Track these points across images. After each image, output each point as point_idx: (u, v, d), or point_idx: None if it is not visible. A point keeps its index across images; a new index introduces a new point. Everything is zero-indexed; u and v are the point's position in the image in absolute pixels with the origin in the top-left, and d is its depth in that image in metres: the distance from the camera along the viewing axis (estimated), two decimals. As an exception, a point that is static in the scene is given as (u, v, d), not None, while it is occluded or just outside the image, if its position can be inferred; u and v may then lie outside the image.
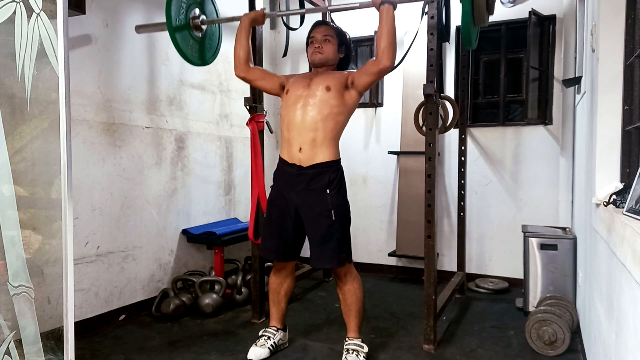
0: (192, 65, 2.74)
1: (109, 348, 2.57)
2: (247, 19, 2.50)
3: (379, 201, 4.23)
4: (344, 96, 2.32)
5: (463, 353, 2.53)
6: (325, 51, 2.39)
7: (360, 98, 2.40)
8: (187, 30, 2.62)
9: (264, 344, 2.46)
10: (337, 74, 2.38)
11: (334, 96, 2.29)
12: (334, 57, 2.42)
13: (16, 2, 1.48)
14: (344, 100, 2.32)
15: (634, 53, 1.77)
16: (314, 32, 2.43)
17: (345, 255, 2.32)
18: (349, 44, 2.52)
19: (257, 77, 2.52)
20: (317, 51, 2.39)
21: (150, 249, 3.20)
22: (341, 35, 2.46)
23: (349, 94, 2.33)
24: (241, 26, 2.50)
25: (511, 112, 3.91)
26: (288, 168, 2.36)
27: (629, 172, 1.81)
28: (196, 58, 2.72)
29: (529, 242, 3.06)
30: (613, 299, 1.56)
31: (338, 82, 2.31)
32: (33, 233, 1.62)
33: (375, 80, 2.33)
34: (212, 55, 2.84)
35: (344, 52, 2.47)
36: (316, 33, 2.42)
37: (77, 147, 2.69)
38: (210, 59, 2.83)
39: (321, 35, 2.40)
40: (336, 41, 2.42)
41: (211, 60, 2.84)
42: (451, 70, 3.96)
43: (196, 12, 2.66)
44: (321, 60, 2.39)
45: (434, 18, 2.49)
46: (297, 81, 2.41)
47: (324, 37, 2.40)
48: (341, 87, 2.31)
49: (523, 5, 3.66)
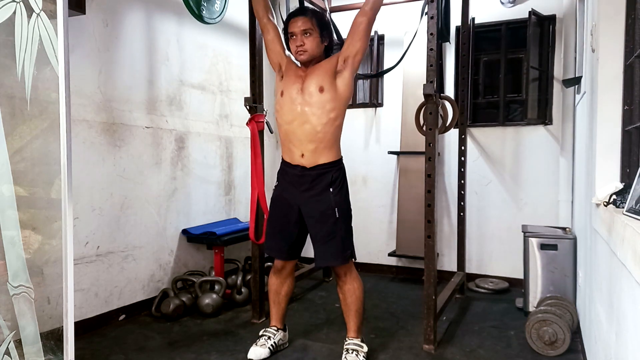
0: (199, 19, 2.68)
1: (109, 348, 2.57)
2: None
3: (379, 201, 4.23)
4: (337, 88, 2.28)
5: (463, 353, 2.53)
6: (308, 47, 2.29)
7: (353, 75, 2.33)
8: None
9: (264, 344, 2.46)
10: (326, 64, 2.31)
11: (329, 97, 2.26)
12: (319, 50, 2.34)
13: (16, 2, 1.48)
14: (338, 94, 2.28)
15: (634, 53, 1.76)
16: (292, 27, 2.31)
17: (349, 252, 2.33)
18: (329, 25, 2.43)
19: (268, 32, 2.44)
20: (300, 50, 2.29)
21: (150, 249, 3.19)
22: (320, 22, 2.34)
23: (341, 80, 2.28)
24: None
25: (511, 112, 3.91)
26: (291, 169, 2.36)
27: (629, 172, 1.81)
28: (201, 12, 2.64)
29: (529, 242, 3.06)
30: (613, 299, 1.56)
31: (329, 74, 2.27)
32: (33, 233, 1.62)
33: (367, 36, 2.28)
34: (219, 14, 2.71)
35: (327, 38, 2.37)
36: (294, 27, 2.30)
37: (77, 147, 2.69)
38: (218, 16, 2.68)
39: (300, 30, 2.28)
40: (317, 32, 2.30)
41: (219, 19, 2.72)
42: (451, 70, 3.96)
43: None
44: (307, 59, 2.32)
45: (433, 18, 2.49)
46: (290, 80, 2.35)
47: (303, 31, 2.28)
48: (333, 79, 2.27)
49: (523, 5, 3.66)
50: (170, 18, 3.31)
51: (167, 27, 3.30)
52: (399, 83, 4.06)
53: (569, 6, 3.47)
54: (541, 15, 3.60)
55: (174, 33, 3.36)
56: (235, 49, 3.90)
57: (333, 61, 2.31)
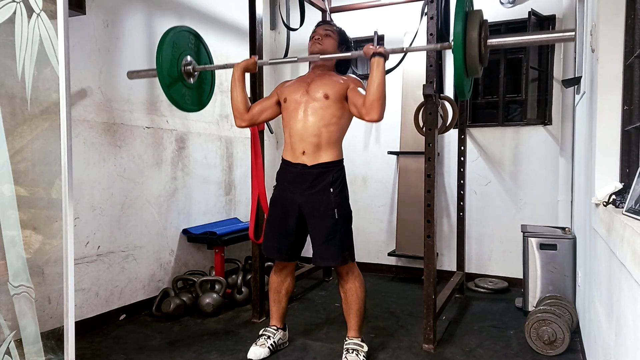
0: (189, 112, 2.72)
1: (110, 348, 2.57)
2: (239, 68, 2.43)
3: (378, 201, 4.23)
4: (343, 105, 2.33)
5: (462, 352, 2.53)
6: (324, 43, 2.41)
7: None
8: (180, 82, 2.57)
9: (264, 344, 2.47)
10: (335, 81, 2.34)
11: (333, 105, 2.30)
12: (332, 51, 2.42)
13: (16, 2, 1.48)
14: (343, 105, 2.33)
15: (634, 53, 1.77)
16: (317, 29, 2.47)
17: (348, 253, 2.33)
18: (350, 46, 2.53)
19: (258, 116, 2.47)
20: (316, 42, 2.41)
21: (151, 249, 3.20)
22: (343, 35, 2.50)
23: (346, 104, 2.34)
24: (234, 77, 2.43)
25: (511, 113, 3.91)
26: (292, 168, 2.36)
27: (628, 172, 1.81)
28: (192, 105, 2.69)
29: (529, 242, 3.07)
30: (613, 298, 1.56)
31: (337, 92, 2.31)
32: (33, 233, 1.63)
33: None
34: (207, 97, 2.78)
35: (344, 51, 2.47)
36: (319, 29, 2.46)
37: (78, 147, 2.70)
38: (206, 101, 2.78)
39: (323, 30, 2.45)
40: (337, 37, 2.45)
41: (207, 102, 2.79)
42: (451, 71, 3.95)
43: (187, 59, 2.61)
44: (319, 51, 2.38)
45: (433, 18, 2.49)
46: (294, 86, 2.40)
47: (325, 31, 2.44)
48: (341, 97, 2.32)
49: (523, 5, 3.66)
50: (170, 18, 3.31)
51: (167, 27, 3.27)
52: (398, 83, 4.06)
53: (568, 6, 3.47)
54: (541, 16, 3.60)
55: (174, 33, 3.35)
56: (235, 49, 3.90)
57: (344, 85, 2.34)
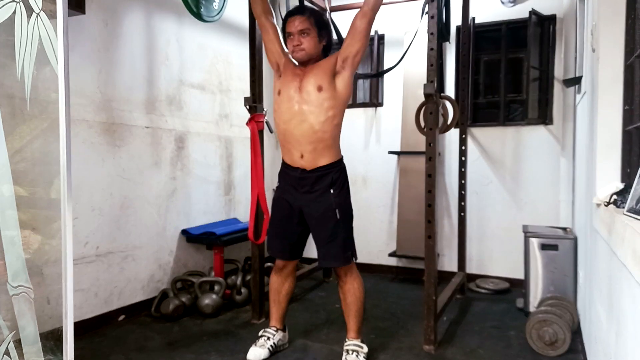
0: (191, 13, 2.68)
1: (109, 348, 2.57)
2: None
3: (379, 201, 4.23)
4: (336, 88, 2.26)
5: (463, 353, 2.53)
6: (306, 47, 2.27)
7: (352, 75, 2.32)
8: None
9: (264, 344, 2.46)
10: (324, 64, 2.29)
11: (327, 95, 2.25)
12: (316, 50, 2.32)
13: (16, 2, 1.48)
14: (337, 93, 2.27)
15: (634, 53, 1.76)
16: (289, 26, 2.29)
17: (350, 253, 2.34)
18: (328, 24, 2.40)
19: (267, 32, 2.39)
20: (297, 49, 2.27)
21: (150, 249, 3.19)
22: (318, 21, 2.31)
23: (340, 80, 2.27)
24: None
25: (511, 112, 3.91)
26: (292, 171, 2.36)
27: (629, 172, 1.81)
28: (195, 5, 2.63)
29: (530, 242, 3.06)
30: (613, 299, 1.56)
31: (328, 74, 2.25)
32: (33, 233, 1.62)
33: (367, 36, 2.25)
34: (217, 14, 2.69)
35: (325, 38, 2.36)
36: (291, 27, 2.28)
37: (77, 147, 2.69)
38: (209, 16, 2.67)
39: (297, 29, 2.27)
40: (315, 31, 2.28)
41: (210, 18, 2.71)
42: (451, 70, 3.95)
43: None
44: (304, 58, 2.30)
45: (434, 18, 2.49)
46: (288, 79, 2.33)
47: (300, 31, 2.26)
48: (332, 78, 2.25)
49: (523, 5, 3.66)
50: (170, 18, 3.31)
51: (166, 27, 3.30)
52: (399, 83, 4.06)
53: (569, 6, 3.47)
54: (541, 15, 3.60)
55: (174, 33, 3.36)
56: (235, 49, 3.90)
57: (332, 61, 2.29)
